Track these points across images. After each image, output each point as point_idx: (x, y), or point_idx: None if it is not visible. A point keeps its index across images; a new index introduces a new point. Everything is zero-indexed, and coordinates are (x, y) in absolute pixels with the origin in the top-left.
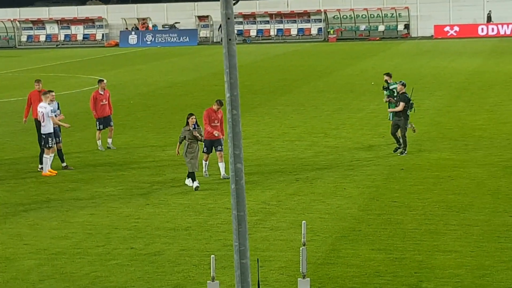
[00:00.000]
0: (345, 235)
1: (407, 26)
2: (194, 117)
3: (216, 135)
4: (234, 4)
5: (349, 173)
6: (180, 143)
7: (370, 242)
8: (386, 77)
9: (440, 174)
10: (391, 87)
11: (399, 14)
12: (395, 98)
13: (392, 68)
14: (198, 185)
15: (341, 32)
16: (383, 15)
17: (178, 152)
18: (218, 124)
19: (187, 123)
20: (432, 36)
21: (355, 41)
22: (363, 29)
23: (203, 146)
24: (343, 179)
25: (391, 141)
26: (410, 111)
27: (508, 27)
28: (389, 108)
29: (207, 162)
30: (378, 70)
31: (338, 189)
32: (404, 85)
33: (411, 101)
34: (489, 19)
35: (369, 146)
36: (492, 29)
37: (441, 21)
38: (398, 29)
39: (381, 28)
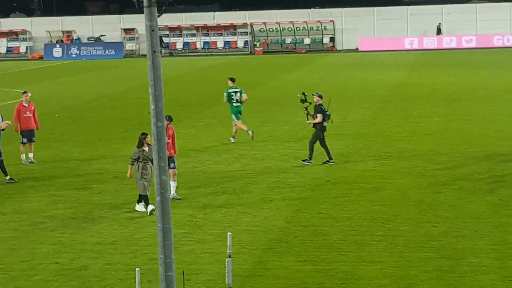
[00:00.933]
0: (272, 247)
1: (332, 39)
2: (149, 136)
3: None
4: (158, 16)
5: (276, 185)
6: (132, 165)
7: (296, 254)
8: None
9: (366, 185)
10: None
11: (324, 27)
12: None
13: (318, 80)
14: (154, 207)
15: (267, 45)
16: (309, 28)
17: (130, 176)
18: (169, 140)
19: (141, 144)
20: (357, 49)
21: (281, 54)
22: (289, 42)
23: None
24: (270, 191)
25: (318, 153)
26: (327, 122)
27: (430, 40)
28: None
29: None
30: (304, 82)
31: (265, 201)
32: (320, 97)
33: (327, 112)
34: (439, 31)
35: (295, 158)
36: (415, 42)
37: (366, 34)
38: (323, 42)
39: (307, 41)
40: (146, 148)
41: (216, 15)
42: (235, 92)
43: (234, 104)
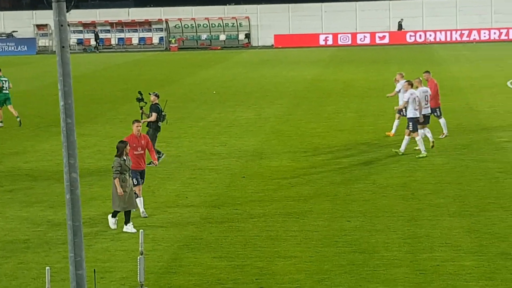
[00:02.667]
0: (187, 244)
1: (248, 36)
2: (129, 145)
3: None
4: (67, 11)
5: (191, 182)
6: (118, 178)
7: (212, 250)
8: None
9: (281, 181)
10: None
11: (240, 23)
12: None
13: (233, 77)
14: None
15: (183, 41)
16: (224, 24)
17: (121, 192)
18: (142, 152)
19: (121, 153)
20: (273, 45)
21: (196, 50)
22: (204, 38)
23: (132, 178)
24: (185, 187)
25: (233, 149)
26: (162, 122)
27: (344, 36)
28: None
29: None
30: (219, 79)
31: (180, 198)
32: (157, 96)
33: (163, 113)
34: (400, 27)
35: (211, 155)
36: (330, 38)
37: (281, 30)
38: (239, 39)
39: (222, 37)
40: (125, 158)
41: (130, 11)
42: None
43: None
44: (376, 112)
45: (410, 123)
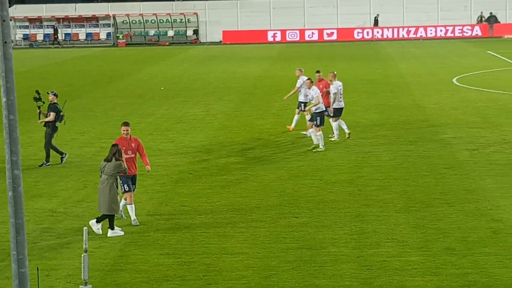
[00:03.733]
0: (134, 241)
1: (196, 32)
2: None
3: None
4: (10, 5)
5: (138, 178)
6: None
7: (159, 247)
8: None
9: (228, 177)
10: None
11: (188, 19)
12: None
13: (181, 73)
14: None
15: (131, 37)
16: (172, 20)
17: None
18: (133, 155)
19: (113, 157)
20: (221, 41)
21: (144, 46)
22: (152, 34)
23: (122, 184)
24: None
25: (181, 145)
26: (60, 122)
27: (293, 33)
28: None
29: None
30: (168, 75)
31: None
32: (56, 95)
33: (61, 113)
34: (376, 22)
35: (158, 151)
36: (279, 35)
37: (230, 26)
38: (187, 34)
39: (171, 33)
40: (110, 163)
41: (78, 6)
42: None
43: None
44: None
45: (318, 118)
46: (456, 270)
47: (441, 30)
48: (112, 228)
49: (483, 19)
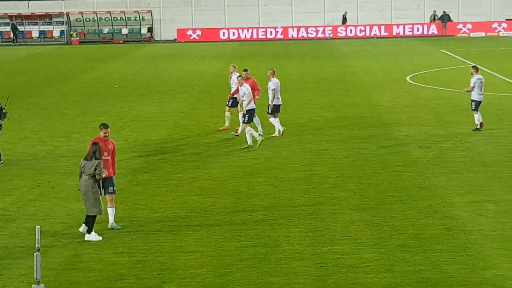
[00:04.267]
0: (88, 240)
1: (150, 30)
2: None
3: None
4: None
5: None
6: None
7: (113, 246)
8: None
9: (183, 175)
10: None
11: (142, 17)
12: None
13: (135, 71)
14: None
15: (84, 35)
16: (127, 18)
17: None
18: (109, 157)
19: (93, 156)
20: (175, 39)
21: (98, 44)
22: (106, 32)
23: (108, 187)
24: None
25: (135, 144)
26: (3, 120)
27: (248, 31)
28: None
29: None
30: (122, 73)
31: (79, 194)
32: None
33: (4, 110)
34: (344, 20)
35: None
36: (233, 33)
37: (184, 25)
38: (141, 32)
39: (125, 31)
40: (89, 161)
41: (30, 3)
42: None
43: None
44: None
45: (247, 115)
46: (410, 267)
47: (395, 29)
48: (90, 232)
49: (436, 17)
